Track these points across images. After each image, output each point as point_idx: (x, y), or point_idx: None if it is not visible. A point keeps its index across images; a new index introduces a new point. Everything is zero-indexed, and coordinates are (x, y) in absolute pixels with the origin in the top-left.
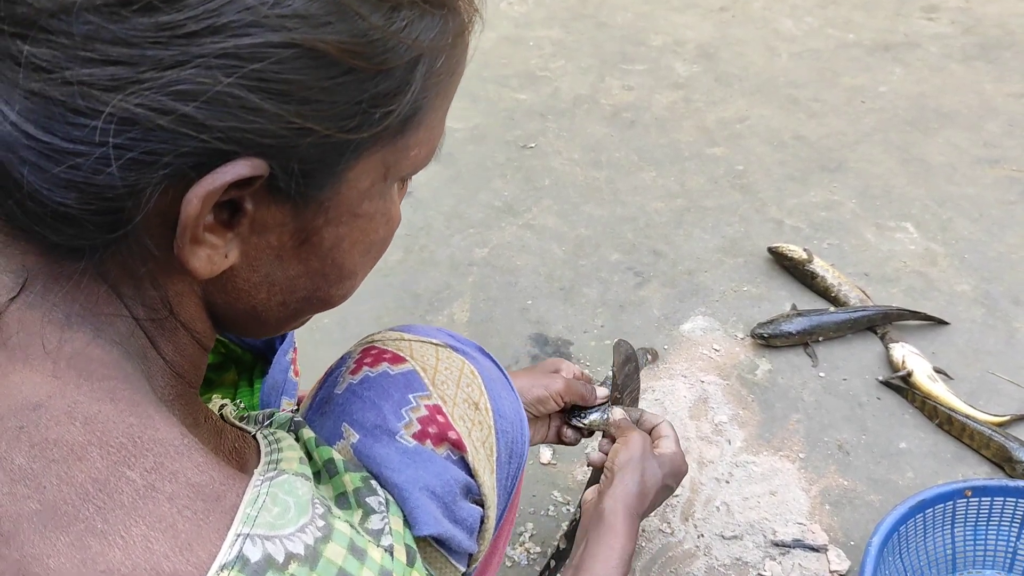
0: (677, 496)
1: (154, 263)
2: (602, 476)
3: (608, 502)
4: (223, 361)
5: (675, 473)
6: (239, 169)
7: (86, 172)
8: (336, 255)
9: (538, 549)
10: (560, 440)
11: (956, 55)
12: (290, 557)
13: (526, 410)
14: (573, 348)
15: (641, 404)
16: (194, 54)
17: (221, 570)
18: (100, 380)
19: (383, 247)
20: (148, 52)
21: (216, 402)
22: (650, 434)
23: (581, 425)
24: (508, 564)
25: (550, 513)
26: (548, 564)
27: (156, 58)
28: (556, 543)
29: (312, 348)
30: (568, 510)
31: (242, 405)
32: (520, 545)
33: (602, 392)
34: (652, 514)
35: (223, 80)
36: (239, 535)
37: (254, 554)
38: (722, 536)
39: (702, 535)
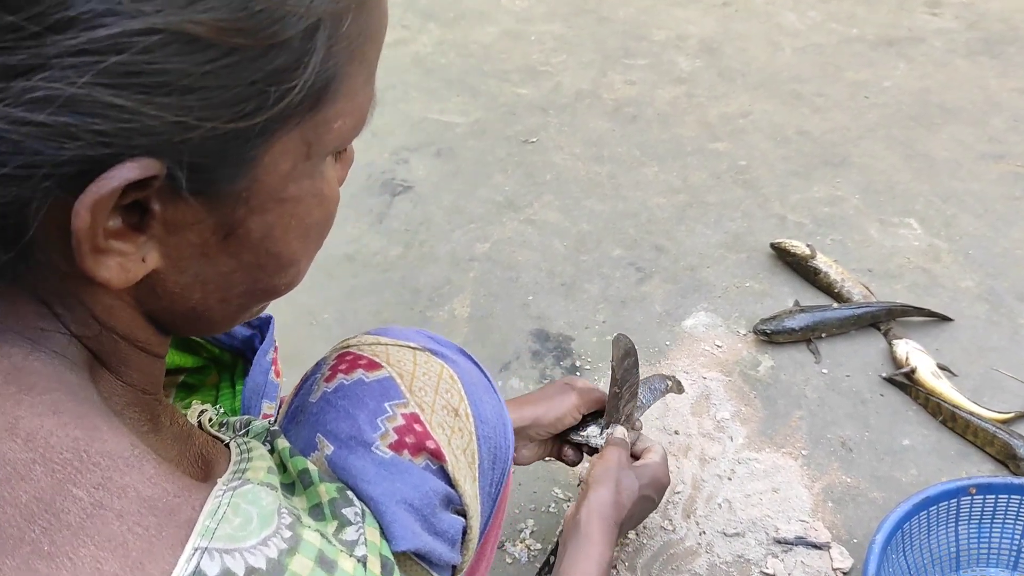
0: (679, 493)
1: (69, 279)
2: (579, 489)
3: (583, 512)
4: (203, 364)
5: (654, 484)
6: (126, 173)
7: None
8: (269, 244)
9: (539, 546)
10: (560, 458)
11: (960, 50)
12: (251, 572)
13: (545, 432)
14: (574, 344)
15: None
16: (46, 55)
17: None
18: (41, 394)
19: (323, 228)
20: None
21: (196, 408)
22: (640, 453)
23: (579, 439)
24: (508, 561)
25: (551, 510)
26: (548, 560)
27: (5, 65)
28: (556, 539)
29: (310, 344)
30: (568, 506)
31: (222, 410)
32: (521, 542)
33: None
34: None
35: (77, 80)
36: (196, 548)
37: (211, 569)
38: (724, 533)
39: (704, 532)
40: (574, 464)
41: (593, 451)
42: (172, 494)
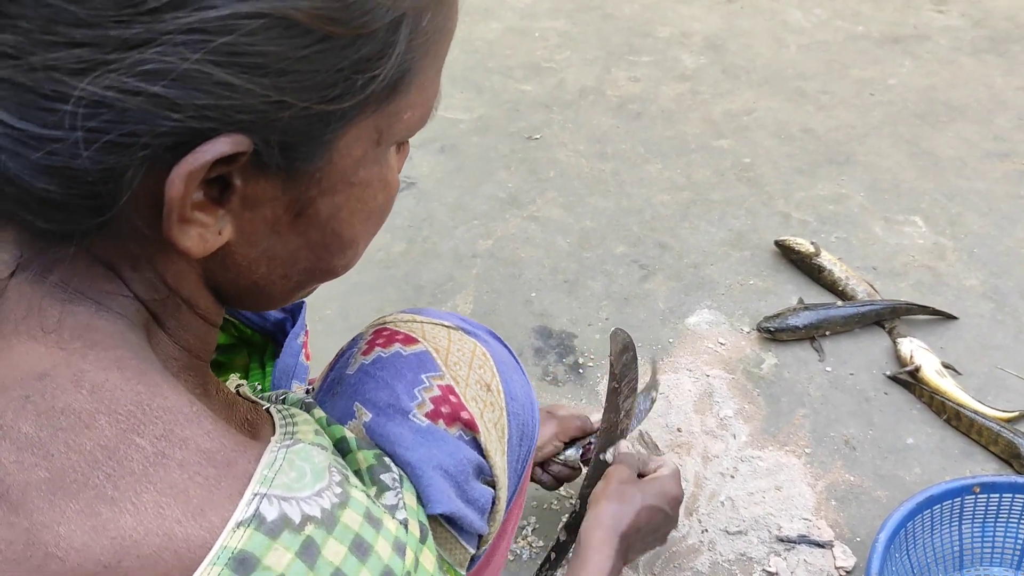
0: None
1: (148, 244)
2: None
3: (584, 527)
4: (234, 343)
5: (662, 496)
6: (220, 147)
7: (64, 157)
8: (335, 225)
9: (540, 543)
10: (535, 479)
11: (966, 48)
12: (307, 519)
13: None
14: (577, 341)
15: None
16: (159, 31)
17: (237, 527)
18: (106, 350)
19: (384, 213)
20: (111, 32)
21: (234, 379)
22: (648, 471)
23: (557, 461)
24: (511, 558)
25: (553, 507)
26: (548, 556)
27: (120, 38)
28: (557, 535)
29: (314, 338)
30: (570, 503)
31: (258, 387)
32: (523, 539)
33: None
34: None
35: (190, 56)
36: (256, 494)
37: (270, 513)
38: (727, 531)
39: (706, 530)
40: (550, 487)
41: (573, 470)
42: (229, 448)
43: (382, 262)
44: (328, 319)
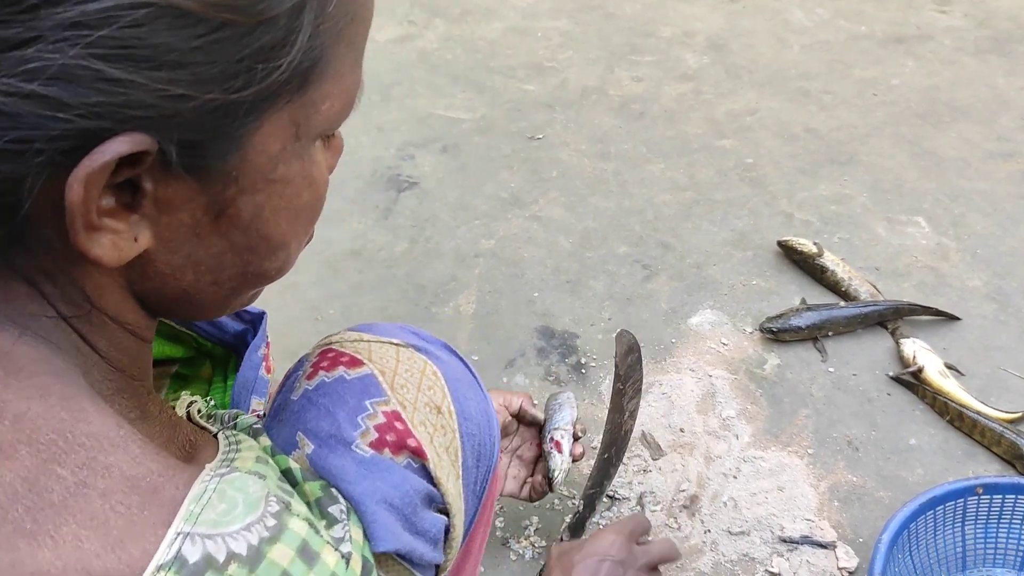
0: (684, 491)
1: (61, 256)
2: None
3: None
4: (195, 356)
5: (593, 551)
6: (118, 147)
7: None
8: (259, 226)
9: (543, 543)
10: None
11: (969, 48)
12: (231, 557)
13: None
14: (579, 341)
15: (648, 398)
16: (40, 28)
17: (158, 571)
18: (29, 377)
19: (313, 212)
20: None
21: (185, 399)
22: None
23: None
24: (513, 559)
25: (555, 507)
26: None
27: (1, 38)
28: (559, 536)
29: (315, 339)
30: (572, 503)
31: (212, 403)
32: (525, 539)
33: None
34: (659, 508)
35: (71, 52)
36: (179, 533)
37: (193, 554)
38: (729, 532)
39: (709, 531)
40: (535, 500)
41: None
42: (156, 473)
43: (384, 262)
44: (330, 319)
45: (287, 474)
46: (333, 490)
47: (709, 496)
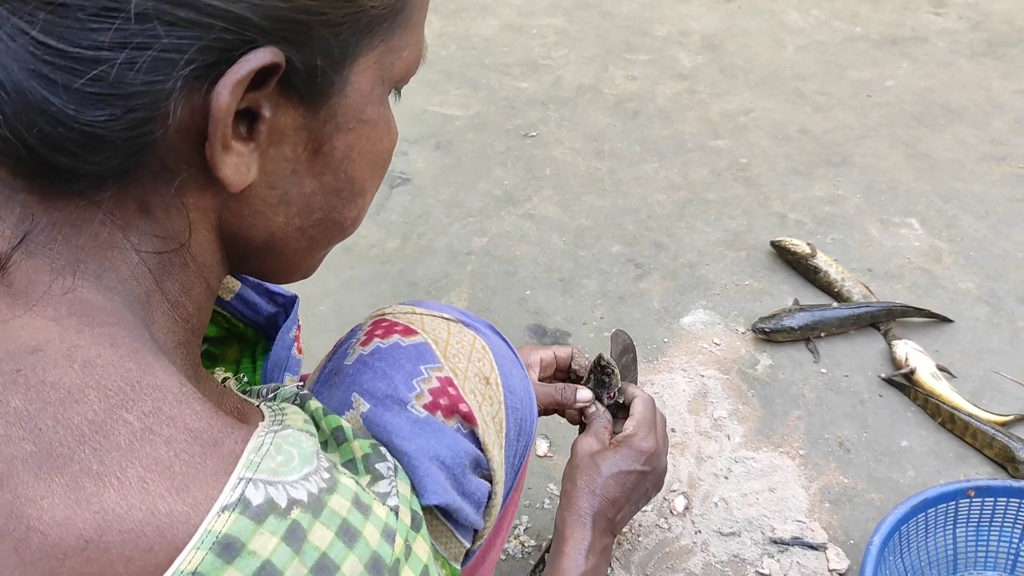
0: (675, 491)
1: (176, 183)
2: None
3: (557, 514)
4: (225, 336)
5: (631, 456)
6: (262, 56)
7: (112, 81)
8: (348, 167)
9: (532, 542)
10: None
11: (964, 50)
12: (293, 503)
13: None
14: (572, 339)
15: None
16: None
17: (222, 511)
18: (101, 326)
19: (387, 161)
20: None
21: (219, 374)
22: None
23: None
24: (503, 557)
25: (545, 506)
26: (542, 558)
27: None
28: (551, 536)
29: (307, 335)
30: None
31: (245, 379)
32: (515, 538)
33: (583, 394)
34: (648, 508)
35: None
36: (241, 479)
37: (256, 497)
38: (720, 532)
39: (699, 531)
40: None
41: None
42: (217, 428)
43: (377, 258)
44: (321, 315)
45: (337, 432)
46: (382, 449)
47: (700, 496)
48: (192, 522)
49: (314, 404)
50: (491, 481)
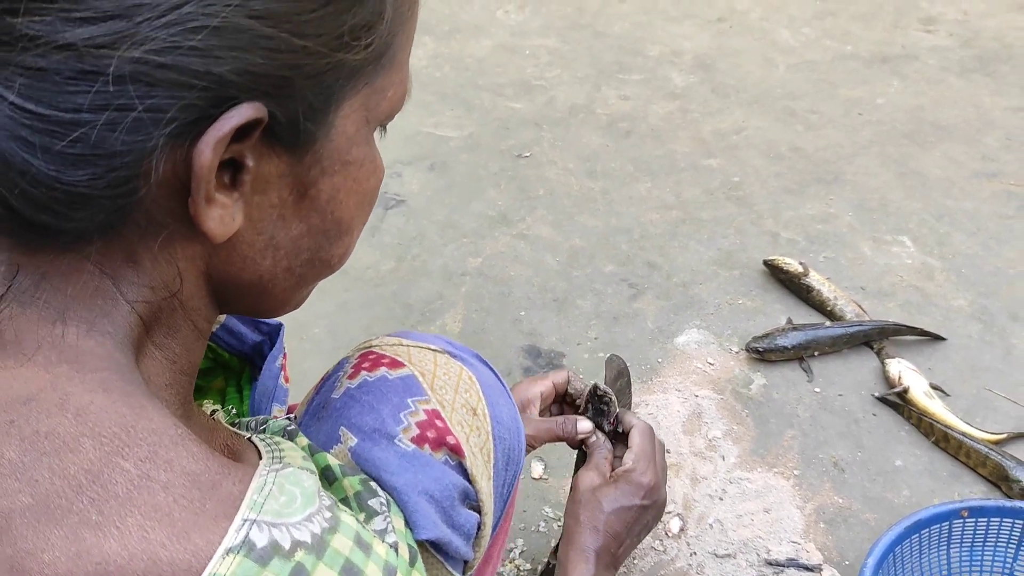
0: (670, 512)
1: (161, 237)
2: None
3: (560, 549)
4: (211, 367)
5: (632, 490)
6: (244, 112)
7: (93, 143)
8: (334, 208)
9: (528, 566)
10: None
11: (954, 68)
12: (297, 544)
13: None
14: (566, 360)
15: None
16: None
17: (227, 554)
18: (92, 372)
19: (374, 198)
20: (143, 0)
21: (207, 407)
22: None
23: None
24: None
25: (540, 529)
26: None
27: (152, 5)
28: (547, 560)
29: (302, 358)
30: (558, 526)
31: (233, 411)
32: (510, 562)
33: (584, 425)
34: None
35: (220, 13)
36: (245, 520)
37: (260, 540)
38: (715, 554)
39: (695, 553)
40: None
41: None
42: (214, 470)
43: (371, 280)
44: (316, 338)
45: (326, 472)
46: (372, 484)
47: (695, 518)
48: (194, 569)
49: (302, 441)
50: (480, 512)
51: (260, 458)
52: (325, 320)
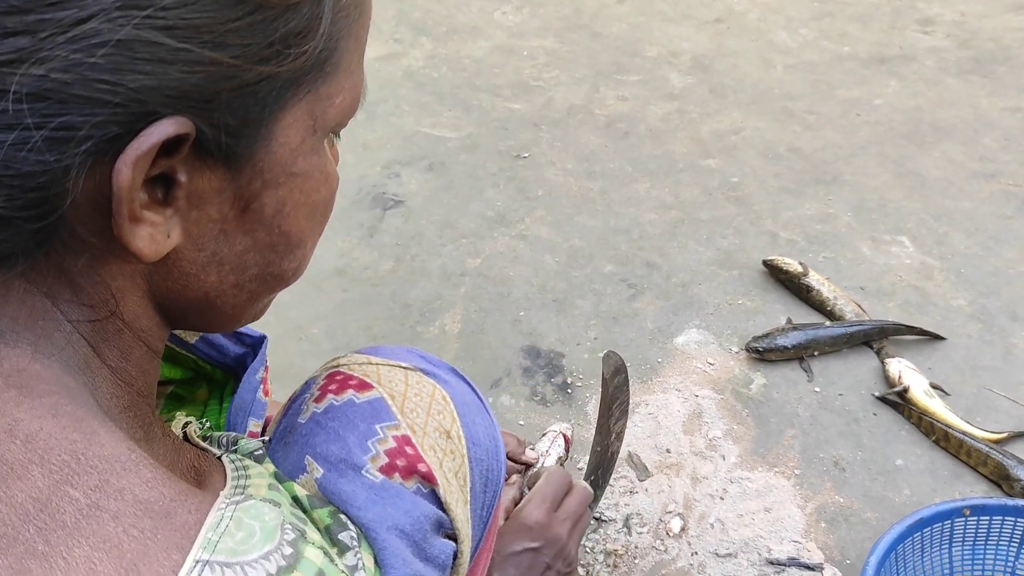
0: (671, 512)
1: (90, 256)
2: None
3: None
4: (194, 377)
5: (519, 532)
6: (165, 128)
7: (2, 162)
8: (281, 221)
9: None
10: None
11: (952, 69)
12: None
13: None
14: (566, 360)
15: (634, 419)
16: (95, 8)
17: None
18: (41, 396)
19: (327, 210)
20: (46, 16)
21: (180, 419)
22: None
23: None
24: None
25: None
26: None
27: (55, 20)
28: None
29: (299, 359)
30: None
31: (208, 424)
32: None
33: (530, 453)
34: (644, 529)
35: (125, 27)
36: (198, 561)
37: None
38: (716, 554)
39: (696, 552)
40: None
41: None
42: (169, 498)
43: (369, 280)
44: (314, 338)
45: (296, 502)
46: (342, 516)
47: (696, 517)
48: None
49: (269, 467)
50: (456, 540)
51: (227, 481)
52: (324, 320)
